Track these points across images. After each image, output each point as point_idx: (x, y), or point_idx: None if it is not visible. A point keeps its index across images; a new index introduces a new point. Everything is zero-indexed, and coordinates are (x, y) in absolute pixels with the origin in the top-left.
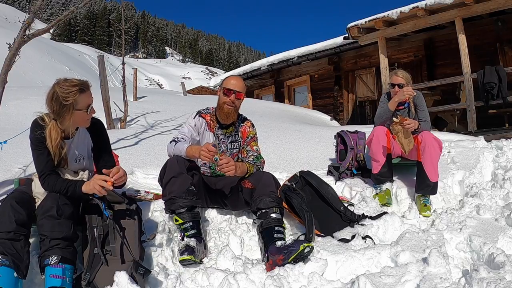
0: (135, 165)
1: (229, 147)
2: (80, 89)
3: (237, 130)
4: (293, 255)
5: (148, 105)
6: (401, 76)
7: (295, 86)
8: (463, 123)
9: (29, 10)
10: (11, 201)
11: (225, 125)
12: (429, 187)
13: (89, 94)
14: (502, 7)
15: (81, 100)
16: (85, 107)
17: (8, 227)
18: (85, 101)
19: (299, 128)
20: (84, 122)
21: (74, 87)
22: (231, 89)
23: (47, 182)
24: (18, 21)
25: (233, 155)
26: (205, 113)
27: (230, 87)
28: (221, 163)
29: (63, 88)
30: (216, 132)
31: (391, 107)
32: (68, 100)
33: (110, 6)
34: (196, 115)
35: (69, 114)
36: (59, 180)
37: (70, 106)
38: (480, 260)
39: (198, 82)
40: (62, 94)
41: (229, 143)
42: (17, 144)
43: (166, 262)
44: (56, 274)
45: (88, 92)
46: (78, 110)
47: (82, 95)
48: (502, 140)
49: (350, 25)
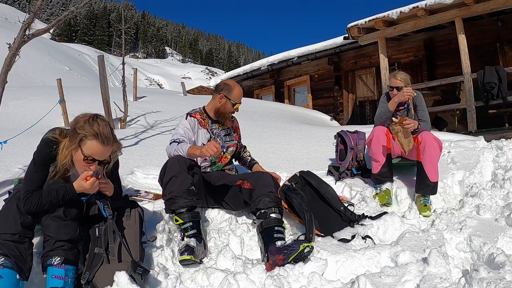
0: (135, 165)
1: (224, 140)
2: (102, 140)
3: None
4: (293, 255)
5: (148, 105)
6: (399, 79)
7: (295, 86)
8: (463, 123)
9: (29, 10)
10: (17, 202)
11: (215, 119)
12: (429, 187)
13: (105, 151)
14: (502, 7)
15: (90, 146)
16: (89, 156)
17: (14, 228)
18: (92, 149)
19: (299, 128)
20: (80, 168)
21: (99, 130)
22: (237, 102)
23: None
24: (18, 21)
25: (228, 147)
26: (194, 112)
27: (237, 101)
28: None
29: (90, 122)
30: (210, 127)
31: (391, 107)
32: (83, 135)
33: (110, 6)
34: (186, 116)
35: (75, 148)
36: (43, 194)
37: (77, 137)
38: (480, 260)
39: (198, 82)
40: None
41: (223, 136)
42: (17, 144)
43: (166, 262)
44: (58, 275)
45: (106, 148)
46: (81, 150)
47: (97, 143)
48: (502, 140)
49: (350, 25)
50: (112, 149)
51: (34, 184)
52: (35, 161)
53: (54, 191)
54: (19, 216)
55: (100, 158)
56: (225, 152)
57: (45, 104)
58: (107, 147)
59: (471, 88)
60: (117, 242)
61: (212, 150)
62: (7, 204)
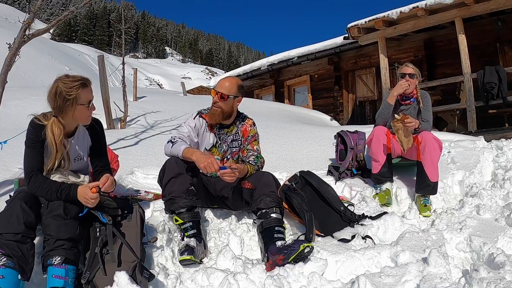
0: (135, 165)
1: (230, 145)
2: (82, 84)
3: (238, 129)
4: (293, 255)
5: (148, 105)
6: (411, 67)
7: (295, 86)
8: (463, 123)
9: (29, 10)
10: (20, 202)
11: (225, 124)
12: (429, 187)
13: (90, 90)
14: (502, 7)
15: (83, 95)
16: (87, 102)
17: (16, 228)
18: (86, 96)
19: (299, 128)
20: (85, 119)
21: (77, 81)
22: (215, 89)
23: (33, 180)
24: (18, 21)
25: (233, 154)
26: (206, 113)
27: (216, 87)
28: (222, 173)
29: (65, 83)
30: (217, 132)
31: (390, 100)
32: (71, 95)
33: (110, 6)
34: (196, 115)
35: (72, 109)
36: (48, 181)
37: (73, 101)
38: (480, 260)
39: (198, 82)
40: (65, 88)
41: (230, 142)
42: (17, 144)
43: (166, 262)
44: (59, 274)
45: (89, 88)
46: (81, 105)
47: (84, 90)
48: (502, 140)
49: (350, 25)
50: None
51: (34, 164)
52: (26, 144)
53: (58, 183)
54: (22, 215)
55: (92, 97)
56: (229, 159)
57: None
58: (89, 87)
59: (471, 88)
60: (118, 245)
61: (210, 170)
62: (9, 204)
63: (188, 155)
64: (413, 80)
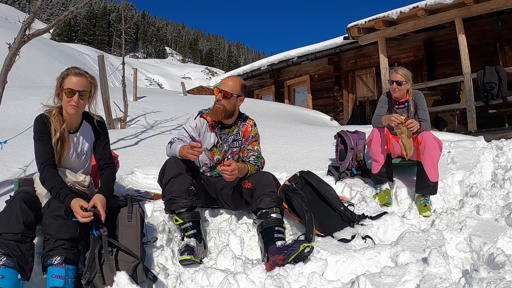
0: (135, 165)
1: (231, 145)
2: (74, 73)
3: (239, 129)
4: (293, 255)
5: (148, 105)
6: (400, 73)
7: (295, 86)
8: (463, 123)
9: (29, 10)
10: (20, 202)
11: (227, 124)
12: (429, 187)
13: (79, 81)
14: (502, 7)
15: (68, 81)
16: (68, 89)
17: (16, 228)
18: (71, 84)
19: (299, 128)
20: (66, 105)
21: (72, 69)
22: (218, 87)
23: (46, 172)
24: (18, 21)
25: (234, 154)
26: (207, 113)
27: (219, 86)
28: (225, 169)
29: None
30: (219, 132)
31: (384, 123)
32: (61, 78)
33: (110, 6)
34: (197, 115)
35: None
36: (57, 179)
37: (59, 84)
38: (480, 260)
39: (198, 82)
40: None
41: (231, 142)
42: (17, 144)
43: (166, 262)
44: (58, 274)
45: (79, 79)
46: (64, 89)
47: (71, 77)
48: (502, 140)
49: (350, 25)
50: (87, 80)
51: (45, 155)
52: (35, 138)
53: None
54: (22, 215)
55: (78, 88)
56: (229, 159)
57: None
58: (81, 78)
59: (471, 88)
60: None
61: (193, 154)
62: (9, 204)
63: (183, 153)
64: (401, 87)
